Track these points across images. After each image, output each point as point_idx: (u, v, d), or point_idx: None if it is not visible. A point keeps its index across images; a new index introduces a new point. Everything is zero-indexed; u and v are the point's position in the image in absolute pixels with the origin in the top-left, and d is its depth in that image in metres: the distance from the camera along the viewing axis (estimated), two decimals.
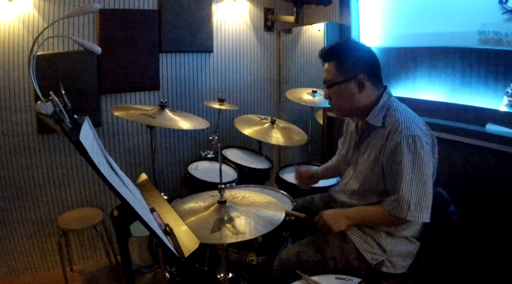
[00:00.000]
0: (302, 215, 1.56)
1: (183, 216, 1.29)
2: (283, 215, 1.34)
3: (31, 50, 1.72)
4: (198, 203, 1.42)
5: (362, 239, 1.47)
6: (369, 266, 1.44)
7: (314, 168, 1.91)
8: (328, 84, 1.47)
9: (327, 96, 1.52)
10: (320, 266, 1.45)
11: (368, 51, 1.46)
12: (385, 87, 1.49)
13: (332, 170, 1.88)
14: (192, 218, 1.29)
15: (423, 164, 1.33)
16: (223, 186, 1.36)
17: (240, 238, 1.19)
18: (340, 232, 1.49)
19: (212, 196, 1.45)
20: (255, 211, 1.34)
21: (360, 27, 2.73)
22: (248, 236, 1.20)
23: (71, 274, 2.63)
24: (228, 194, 1.46)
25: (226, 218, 1.28)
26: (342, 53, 1.44)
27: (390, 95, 1.47)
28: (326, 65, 1.48)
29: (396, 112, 1.40)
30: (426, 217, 1.34)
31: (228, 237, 1.19)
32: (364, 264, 1.45)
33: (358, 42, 1.46)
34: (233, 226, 1.23)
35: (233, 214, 1.30)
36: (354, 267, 1.45)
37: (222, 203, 1.35)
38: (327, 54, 1.48)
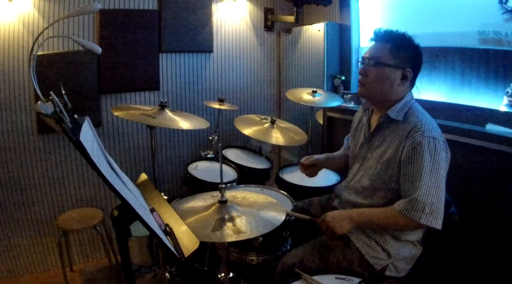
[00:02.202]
0: (306, 217, 1.54)
1: (184, 215, 1.29)
2: (284, 215, 1.33)
3: (31, 50, 1.72)
4: (198, 202, 1.42)
5: (366, 244, 1.45)
6: (373, 270, 1.43)
7: (316, 156, 1.85)
8: (376, 61, 1.42)
9: (363, 72, 1.46)
10: (323, 272, 1.44)
11: (421, 52, 1.46)
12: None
13: (337, 161, 1.85)
14: (193, 217, 1.29)
15: (440, 168, 1.32)
16: (223, 186, 1.36)
17: (241, 237, 1.19)
18: (343, 237, 1.48)
19: (213, 196, 1.45)
20: (256, 211, 1.34)
21: (360, 27, 2.73)
22: (249, 235, 1.20)
23: (71, 274, 2.63)
24: (229, 194, 1.46)
25: (227, 217, 1.28)
26: (401, 40, 1.42)
27: (412, 97, 1.48)
28: (378, 44, 1.45)
29: (419, 114, 1.40)
30: (439, 224, 1.28)
31: (229, 236, 1.19)
32: (368, 268, 1.44)
33: (414, 39, 1.47)
34: (234, 225, 1.23)
35: (234, 213, 1.30)
36: (358, 272, 1.43)
37: (223, 202, 1.35)
38: (386, 34, 1.44)
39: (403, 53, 1.41)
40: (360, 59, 1.51)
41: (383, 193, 1.45)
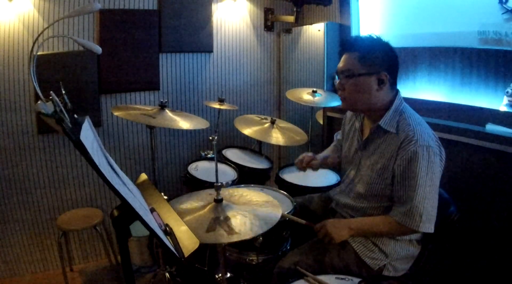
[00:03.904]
0: (303, 221, 1.53)
1: (180, 214, 1.28)
2: (279, 215, 1.32)
3: (31, 50, 1.72)
4: (195, 201, 1.41)
5: (362, 244, 1.46)
6: (370, 270, 1.43)
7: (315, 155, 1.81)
8: (347, 74, 1.40)
9: (340, 87, 1.45)
10: (319, 273, 1.44)
11: (392, 50, 1.42)
12: (397, 91, 1.46)
13: (330, 160, 1.80)
14: (188, 217, 1.28)
15: (435, 175, 1.32)
16: (219, 184, 1.36)
17: (235, 238, 1.18)
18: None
19: (210, 194, 1.45)
20: (251, 210, 1.33)
21: (360, 27, 2.73)
22: (242, 236, 1.19)
23: (71, 274, 2.63)
24: (225, 192, 1.46)
25: (222, 217, 1.27)
26: (367, 46, 1.40)
27: (402, 100, 1.45)
28: (346, 55, 1.43)
29: (411, 121, 1.37)
30: (432, 228, 1.34)
31: (223, 237, 1.18)
32: (364, 269, 1.44)
33: (383, 39, 1.42)
34: (229, 226, 1.22)
35: (229, 213, 1.29)
36: (355, 273, 1.43)
37: (218, 201, 1.34)
38: (351, 44, 1.43)
39: (373, 58, 1.38)
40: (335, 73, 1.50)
41: (379, 198, 1.46)
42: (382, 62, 1.39)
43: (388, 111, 1.41)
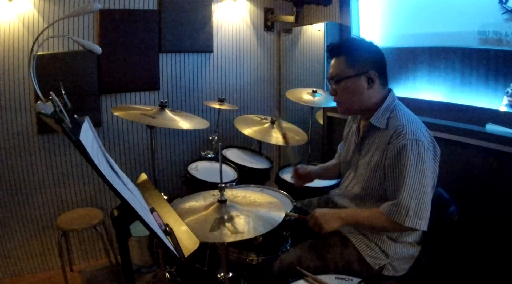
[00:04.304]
0: (295, 215, 1.54)
1: (183, 214, 1.29)
2: (282, 215, 1.33)
3: (31, 50, 1.72)
4: (198, 201, 1.42)
5: (365, 244, 1.46)
6: (371, 269, 1.44)
7: (311, 167, 1.91)
8: (337, 79, 1.44)
9: (333, 92, 1.48)
10: (321, 271, 1.44)
11: (377, 49, 1.45)
12: (389, 90, 1.48)
13: (330, 171, 1.86)
14: (192, 217, 1.29)
15: (425, 170, 1.31)
16: (223, 185, 1.36)
17: (238, 237, 1.19)
18: (342, 236, 1.49)
19: (213, 195, 1.45)
20: (255, 211, 1.34)
21: (360, 27, 2.73)
22: (246, 236, 1.20)
23: (71, 274, 2.63)
24: (229, 193, 1.46)
25: (226, 217, 1.28)
26: (352, 48, 1.43)
27: (394, 98, 1.46)
28: (334, 60, 1.46)
29: (401, 116, 1.38)
30: (424, 225, 1.30)
31: (227, 236, 1.19)
32: (365, 268, 1.44)
33: (366, 39, 1.47)
34: (233, 225, 1.23)
35: (233, 213, 1.30)
36: (356, 271, 1.44)
37: (222, 202, 1.35)
38: (336, 49, 1.46)
39: (359, 59, 1.41)
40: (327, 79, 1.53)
41: (375, 199, 1.46)
42: (369, 61, 1.41)
43: (379, 109, 1.43)
